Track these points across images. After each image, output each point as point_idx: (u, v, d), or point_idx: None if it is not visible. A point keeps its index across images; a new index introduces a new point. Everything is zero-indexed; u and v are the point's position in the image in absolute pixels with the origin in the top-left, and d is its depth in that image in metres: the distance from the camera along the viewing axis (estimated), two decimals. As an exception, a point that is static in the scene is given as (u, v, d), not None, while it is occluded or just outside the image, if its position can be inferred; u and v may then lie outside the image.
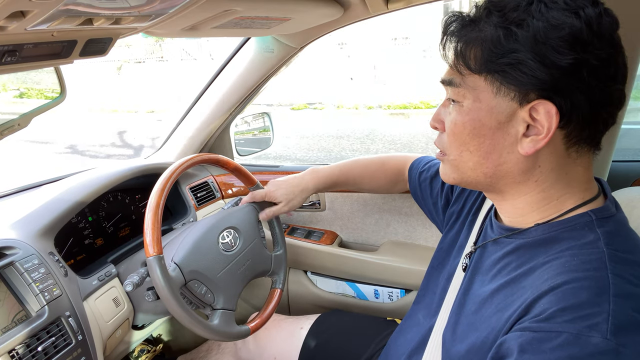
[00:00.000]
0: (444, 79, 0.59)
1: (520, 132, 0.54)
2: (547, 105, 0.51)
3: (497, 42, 0.51)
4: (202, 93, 1.36)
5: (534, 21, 0.49)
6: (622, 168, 1.21)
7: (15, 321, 0.78)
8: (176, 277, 0.85)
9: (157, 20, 0.68)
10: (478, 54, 0.53)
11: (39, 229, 0.90)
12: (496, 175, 0.58)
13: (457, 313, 0.65)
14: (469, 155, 0.58)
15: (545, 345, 0.45)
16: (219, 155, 1.04)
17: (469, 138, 0.57)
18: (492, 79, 0.53)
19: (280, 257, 1.08)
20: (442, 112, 0.62)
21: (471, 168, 0.59)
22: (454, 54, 0.56)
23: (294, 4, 0.86)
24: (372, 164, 1.11)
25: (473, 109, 0.56)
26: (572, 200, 0.57)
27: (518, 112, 0.53)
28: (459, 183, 0.63)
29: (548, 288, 0.49)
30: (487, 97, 0.54)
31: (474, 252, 0.69)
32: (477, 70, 0.54)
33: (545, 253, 0.54)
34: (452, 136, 0.59)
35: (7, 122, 0.74)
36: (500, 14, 0.52)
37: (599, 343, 0.43)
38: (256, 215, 1.06)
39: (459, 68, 0.56)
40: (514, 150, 0.55)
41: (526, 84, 0.51)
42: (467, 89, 0.56)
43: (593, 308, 0.45)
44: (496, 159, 0.56)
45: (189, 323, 0.83)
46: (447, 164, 0.63)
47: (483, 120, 0.55)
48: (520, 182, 0.57)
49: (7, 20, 0.48)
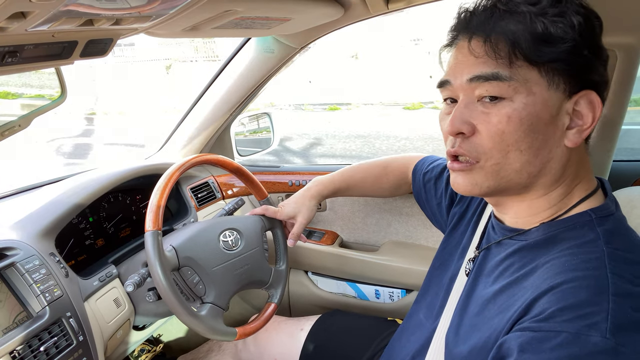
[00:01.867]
0: (480, 74, 0.54)
1: (566, 124, 0.54)
2: (592, 95, 0.52)
3: (547, 32, 0.51)
4: (203, 93, 1.36)
5: (574, 14, 0.51)
6: (622, 168, 1.21)
7: (16, 322, 0.79)
8: (171, 258, 0.85)
9: (158, 20, 0.68)
10: (530, 44, 0.51)
11: (40, 230, 0.90)
12: (539, 174, 0.56)
13: (460, 315, 0.65)
14: (518, 155, 0.54)
15: (545, 345, 0.45)
16: (221, 156, 1.04)
17: (524, 135, 0.53)
18: (547, 69, 0.52)
19: (282, 272, 1.06)
20: (467, 114, 0.56)
21: (516, 170, 0.55)
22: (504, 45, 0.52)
23: (294, 5, 0.86)
24: (374, 168, 1.10)
25: (529, 103, 0.52)
26: (579, 192, 0.57)
27: (564, 104, 0.53)
28: (491, 192, 0.58)
29: (547, 287, 0.49)
30: (541, 90, 0.52)
31: (477, 255, 0.69)
32: (535, 61, 0.52)
33: (546, 253, 0.54)
34: (497, 136, 0.54)
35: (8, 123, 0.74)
36: (537, 6, 0.52)
37: (598, 342, 0.43)
38: (262, 226, 1.05)
39: (511, 59, 0.52)
40: (560, 144, 0.55)
41: (579, 75, 0.52)
42: (519, 82, 0.52)
43: (592, 307, 0.45)
44: (546, 155, 0.54)
45: (177, 307, 0.81)
46: (480, 172, 0.57)
47: (540, 115, 0.52)
48: (556, 179, 0.57)
49: (8, 21, 0.48)
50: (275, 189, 1.44)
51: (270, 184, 1.45)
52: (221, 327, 0.88)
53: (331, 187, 1.08)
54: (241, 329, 0.93)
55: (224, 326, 0.89)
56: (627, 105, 0.99)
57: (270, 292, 1.05)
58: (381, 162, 1.10)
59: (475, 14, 0.56)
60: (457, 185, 0.60)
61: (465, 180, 0.58)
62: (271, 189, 1.45)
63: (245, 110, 1.44)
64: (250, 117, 1.53)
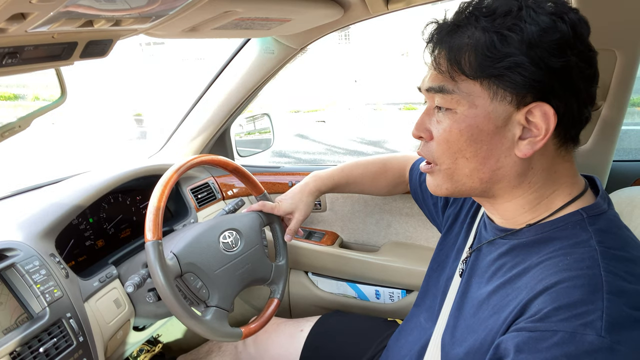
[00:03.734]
0: (431, 87, 0.58)
1: (516, 135, 0.54)
2: (545, 107, 0.52)
3: (492, 46, 0.51)
4: (202, 94, 1.36)
5: (527, 25, 0.50)
6: (622, 168, 1.21)
7: (17, 322, 0.79)
8: (173, 266, 0.85)
9: (158, 21, 0.68)
10: (472, 59, 0.53)
11: (40, 231, 0.90)
12: (492, 180, 0.58)
13: (455, 316, 0.65)
14: (465, 162, 0.57)
15: (542, 344, 0.45)
16: (220, 156, 1.04)
17: (466, 145, 0.56)
18: (489, 83, 0.53)
19: (282, 267, 1.07)
20: (426, 121, 0.60)
21: (467, 175, 0.58)
22: (445, 61, 0.55)
23: (294, 5, 0.86)
24: (373, 165, 1.10)
25: (469, 115, 0.55)
26: (561, 197, 0.57)
27: (514, 116, 0.53)
28: (452, 193, 0.62)
29: (542, 288, 0.49)
30: (484, 103, 0.54)
31: (469, 256, 0.69)
32: (473, 75, 0.53)
33: (538, 253, 0.55)
34: (444, 144, 0.58)
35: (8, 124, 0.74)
36: (489, 19, 0.52)
37: (594, 341, 0.43)
38: (261, 223, 1.05)
39: (452, 74, 0.55)
40: (510, 154, 0.55)
41: (524, 87, 0.52)
42: (461, 95, 0.55)
43: (587, 306, 0.45)
44: (493, 163, 0.56)
45: (181, 313, 0.82)
46: (439, 175, 0.61)
47: (480, 126, 0.55)
48: (515, 186, 0.58)
49: (8, 22, 0.48)
50: (275, 190, 1.44)
51: (270, 184, 1.45)
52: (227, 328, 0.89)
53: (329, 183, 1.08)
54: (246, 329, 0.93)
55: (229, 327, 0.90)
56: (627, 106, 0.99)
57: (272, 287, 1.06)
58: (380, 160, 1.11)
59: (437, 26, 0.57)
60: (427, 185, 0.65)
61: (430, 182, 0.64)
62: (271, 190, 1.45)
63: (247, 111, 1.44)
64: (250, 118, 1.53)
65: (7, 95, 9.63)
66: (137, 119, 9.18)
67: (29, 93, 8.55)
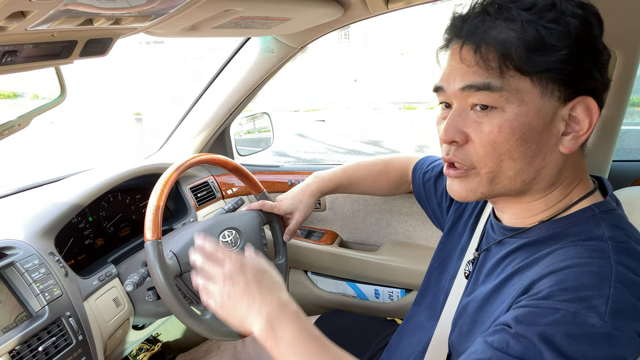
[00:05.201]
0: (471, 84, 0.53)
1: (561, 130, 0.53)
2: (588, 101, 0.52)
3: (541, 40, 0.50)
4: (202, 93, 1.36)
5: (570, 19, 0.50)
6: (622, 168, 1.21)
7: (17, 321, 0.79)
8: (172, 265, 0.85)
9: (157, 20, 0.68)
10: (523, 53, 0.50)
11: (40, 229, 0.90)
12: (534, 180, 0.56)
13: (462, 316, 0.64)
14: (511, 164, 0.54)
15: (542, 319, 0.45)
16: (219, 155, 1.04)
17: (516, 145, 0.53)
18: (540, 78, 0.51)
19: (281, 267, 1.07)
20: (459, 123, 0.55)
21: (511, 177, 0.55)
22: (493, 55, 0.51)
23: (294, 4, 0.86)
24: (375, 166, 1.10)
25: (521, 113, 0.52)
26: (578, 193, 0.57)
27: (559, 111, 0.53)
28: (485, 197, 0.59)
29: (549, 271, 0.49)
30: (534, 99, 0.52)
31: (477, 257, 0.68)
32: (527, 71, 0.51)
33: (549, 247, 0.54)
34: (489, 146, 0.53)
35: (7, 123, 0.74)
36: (531, 12, 0.50)
37: (596, 324, 0.43)
38: (260, 222, 1.05)
39: (502, 70, 0.51)
40: (555, 151, 0.54)
41: (572, 82, 0.51)
42: (510, 92, 0.51)
43: (593, 291, 0.45)
44: (539, 162, 0.54)
45: (180, 312, 0.82)
46: (475, 179, 0.57)
47: (532, 124, 0.52)
48: (552, 184, 0.56)
49: (8, 20, 0.48)
50: (275, 189, 1.44)
51: (270, 183, 1.45)
52: (225, 328, 0.89)
53: (331, 184, 1.08)
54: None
55: (228, 327, 0.89)
56: (627, 106, 0.99)
57: None
58: (382, 160, 1.10)
59: (466, 20, 0.54)
60: (453, 191, 0.60)
61: (460, 187, 0.59)
62: (271, 189, 1.44)
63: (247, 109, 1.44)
64: (250, 117, 1.53)
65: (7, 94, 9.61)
66: (136, 117, 9.17)
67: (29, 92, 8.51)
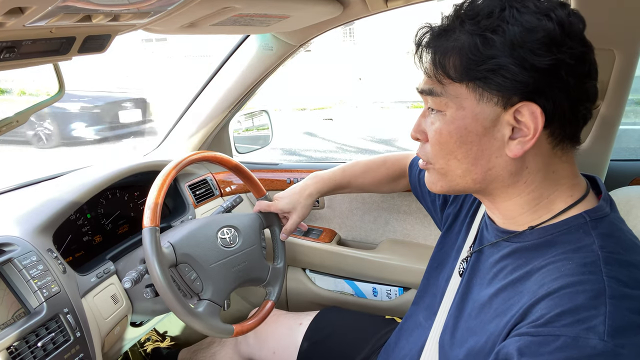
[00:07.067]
0: (423, 89, 0.59)
1: (506, 135, 0.54)
2: (531, 107, 0.52)
3: (475, 49, 0.52)
4: (201, 90, 1.36)
5: (509, 26, 0.50)
6: (620, 167, 1.21)
7: (14, 317, 0.79)
8: (168, 254, 0.85)
9: (156, 17, 0.68)
10: (457, 62, 0.54)
11: (38, 226, 0.90)
12: (485, 180, 0.58)
13: (455, 317, 0.65)
14: (457, 163, 0.58)
15: (544, 348, 0.46)
16: (217, 153, 1.04)
17: (456, 146, 0.57)
18: (474, 86, 0.54)
19: (279, 270, 1.06)
20: (422, 123, 0.62)
21: (460, 175, 0.59)
22: (432, 65, 0.56)
23: (293, 2, 0.86)
24: (373, 164, 1.10)
25: (457, 117, 0.56)
26: (562, 198, 0.57)
27: (502, 116, 0.54)
28: (447, 191, 0.63)
29: (545, 293, 0.49)
30: (471, 104, 0.55)
31: (470, 256, 0.69)
32: (458, 78, 0.54)
33: (541, 257, 0.55)
34: (437, 145, 0.59)
35: (5, 119, 0.74)
36: (473, 22, 0.53)
37: (597, 345, 0.43)
38: (260, 224, 1.05)
39: (439, 78, 0.56)
40: (501, 154, 0.55)
41: (508, 88, 0.52)
42: (449, 98, 0.56)
43: (590, 311, 0.45)
44: (485, 164, 0.57)
45: (173, 302, 0.82)
46: (434, 173, 0.63)
47: (469, 128, 0.55)
48: (509, 185, 0.58)
49: (6, 16, 0.48)
50: (274, 187, 1.44)
51: (269, 181, 1.45)
52: (218, 324, 0.89)
53: (331, 184, 1.08)
54: (238, 326, 0.93)
55: (221, 323, 0.89)
56: (625, 105, 0.99)
57: (267, 289, 1.05)
58: (380, 158, 1.11)
59: (426, 31, 0.58)
60: (425, 180, 0.66)
61: (426, 178, 0.65)
62: (269, 187, 1.45)
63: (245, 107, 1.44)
64: (249, 114, 1.53)
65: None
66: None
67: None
